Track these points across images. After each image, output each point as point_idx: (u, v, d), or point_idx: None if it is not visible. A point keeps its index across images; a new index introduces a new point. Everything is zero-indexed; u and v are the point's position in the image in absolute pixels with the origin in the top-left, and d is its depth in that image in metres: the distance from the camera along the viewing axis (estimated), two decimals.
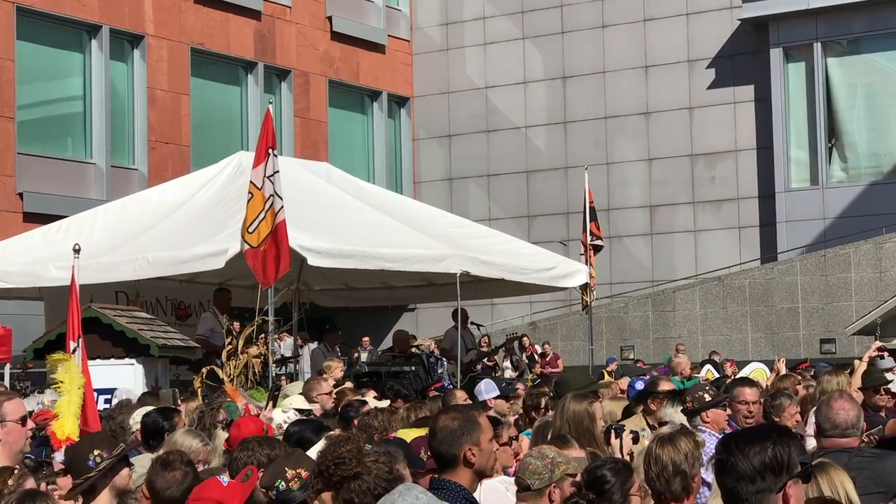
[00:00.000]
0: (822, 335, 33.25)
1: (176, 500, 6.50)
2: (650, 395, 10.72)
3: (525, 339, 31.67)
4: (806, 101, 37.23)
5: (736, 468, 4.48)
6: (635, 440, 8.38)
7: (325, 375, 14.62)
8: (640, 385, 12.12)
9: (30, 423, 7.58)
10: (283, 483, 5.81)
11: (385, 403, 11.83)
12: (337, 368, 15.99)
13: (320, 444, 8.11)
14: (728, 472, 4.50)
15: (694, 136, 38.76)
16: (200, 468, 7.25)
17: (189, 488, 6.37)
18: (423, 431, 7.56)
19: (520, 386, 14.78)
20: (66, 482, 6.87)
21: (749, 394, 10.05)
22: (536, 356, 30.41)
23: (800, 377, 14.21)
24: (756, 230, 37.97)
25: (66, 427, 9.52)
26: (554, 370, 26.63)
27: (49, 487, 6.76)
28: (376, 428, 9.10)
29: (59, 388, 9.89)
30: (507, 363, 28.10)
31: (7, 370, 17.79)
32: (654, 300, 36.24)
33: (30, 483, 6.57)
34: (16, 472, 6.65)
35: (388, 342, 27.82)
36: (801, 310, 33.92)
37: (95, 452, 6.62)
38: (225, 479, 6.57)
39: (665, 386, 10.74)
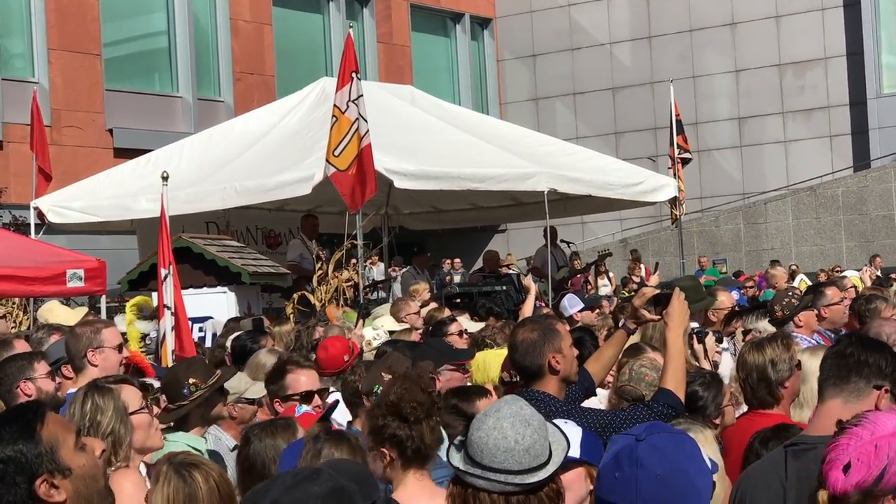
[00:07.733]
0: None
1: None
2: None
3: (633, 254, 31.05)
4: None
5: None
6: (719, 340, 8.31)
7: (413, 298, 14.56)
8: (735, 295, 11.93)
9: (125, 352, 7.72)
10: (380, 388, 5.95)
11: (479, 325, 11.73)
12: (424, 290, 15.92)
13: (266, 358, 8.05)
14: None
15: (781, 46, 38.13)
16: None
17: None
18: None
19: (604, 303, 14.60)
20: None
21: (831, 293, 9.94)
22: (642, 274, 29.72)
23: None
24: (848, 138, 37.40)
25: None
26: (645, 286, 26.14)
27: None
28: (499, 344, 8.99)
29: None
30: (605, 280, 27.69)
31: (103, 303, 17.98)
32: (746, 213, 35.90)
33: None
34: None
35: (480, 264, 27.83)
36: None
37: (191, 381, 6.60)
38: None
39: (723, 297, 10.29)
